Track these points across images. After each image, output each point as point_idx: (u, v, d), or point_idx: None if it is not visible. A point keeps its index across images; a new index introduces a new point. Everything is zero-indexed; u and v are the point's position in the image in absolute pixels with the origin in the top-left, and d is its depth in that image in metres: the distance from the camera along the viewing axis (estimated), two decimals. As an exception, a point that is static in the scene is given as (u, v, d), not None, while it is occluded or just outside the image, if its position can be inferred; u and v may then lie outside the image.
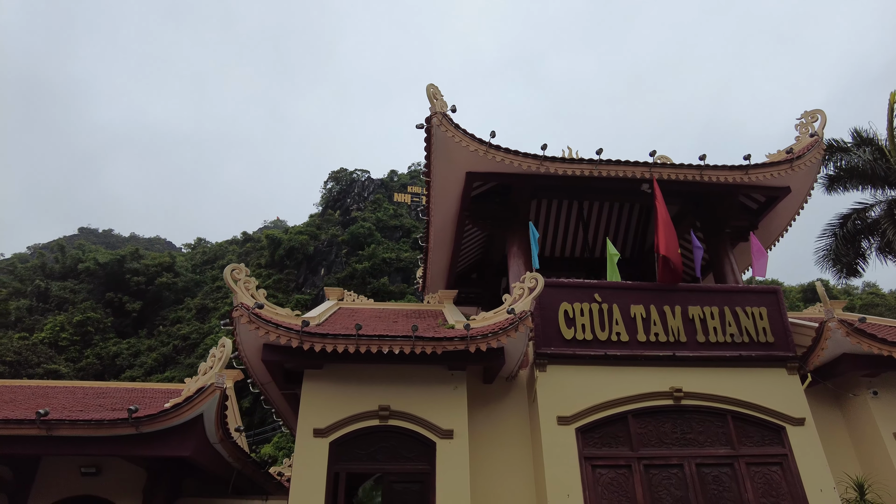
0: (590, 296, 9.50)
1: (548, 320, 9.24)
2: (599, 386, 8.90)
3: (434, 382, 8.74)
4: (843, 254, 23.67)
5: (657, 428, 8.83)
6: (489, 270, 14.14)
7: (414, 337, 8.06)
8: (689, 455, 8.61)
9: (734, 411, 9.01)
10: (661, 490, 8.31)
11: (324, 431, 8.25)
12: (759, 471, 8.64)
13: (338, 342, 8.03)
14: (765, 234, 12.29)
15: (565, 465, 8.26)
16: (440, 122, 9.98)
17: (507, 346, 8.55)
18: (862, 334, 8.84)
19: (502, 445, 8.96)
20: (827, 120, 11.13)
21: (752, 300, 9.81)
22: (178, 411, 7.59)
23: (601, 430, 8.72)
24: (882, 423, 9.25)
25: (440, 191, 10.81)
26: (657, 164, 10.37)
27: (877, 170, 22.82)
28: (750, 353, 9.35)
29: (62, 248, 56.98)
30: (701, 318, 9.51)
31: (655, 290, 9.74)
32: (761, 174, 10.46)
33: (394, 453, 8.34)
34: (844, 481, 8.85)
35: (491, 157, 9.97)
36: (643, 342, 9.23)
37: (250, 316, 8.09)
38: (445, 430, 8.37)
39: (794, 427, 8.96)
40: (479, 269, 14.59)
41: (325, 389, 8.59)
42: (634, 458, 8.50)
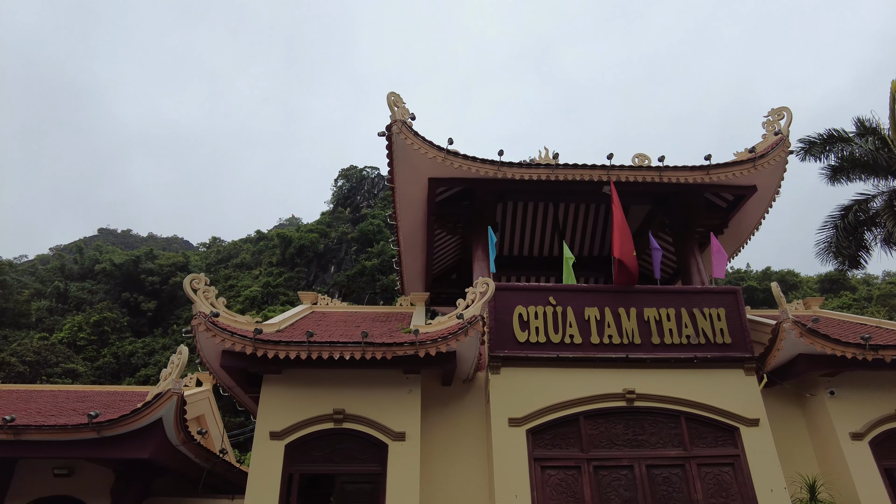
0: (545, 298, 9.64)
1: (502, 323, 9.40)
2: (552, 388, 9.06)
3: (389, 386, 8.99)
4: (845, 246, 23.34)
5: (609, 429, 8.95)
6: (468, 271, 14.30)
7: (364, 343, 8.31)
8: (640, 456, 8.72)
9: (688, 413, 9.09)
10: (610, 491, 8.45)
11: (280, 434, 8.55)
12: (710, 471, 8.72)
13: (290, 349, 8.32)
14: (736, 231, 12.26)
15: (514, 466, 8.45)
16: (400, 130, 10.17)
17: (459, 349, 8.75)
18: (815, 335, 8.83)
19: (459, 446, 9.17)
20: (793, 117, 11.02)
21: (711, 301, 9.84)
22: (137, 416, 7.97)
23: (552, 431, 8.88)
24: (838, 422, 9.24)
25: (404, 196, 11.02)
26: (614, 167, 10.43)
27: (879, 160, 22.44)
28: (706, 354, 9.40)
29: (80, 249, 58.77)
30: (657, 320, 9.58)
31: (611, 292, 9.83)
32: (722, 174, 10.44)
33: (348, 455, 8.62)
34: (798, 481, 8.88)
35: (449, 163, 10.14)
36: (596, 344, 9.35)
37: (207, 324, 8.41)
38: (397, 432, 8.61)
39: (747, 428, 9.00)
40: (458, 270, 14.76)
41: (283, 393, 8.89)
42: (584, 459, 8.65)
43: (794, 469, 9.19)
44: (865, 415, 9.33)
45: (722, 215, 11.83)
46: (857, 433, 9.14)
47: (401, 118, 10.24)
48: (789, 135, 10.91)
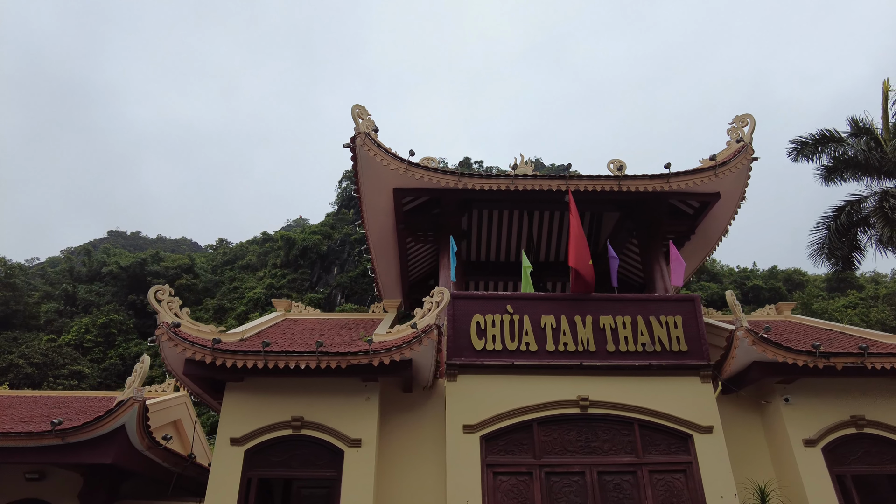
0: (502, 307, 9.82)
1: (460, 331, 9.60)
2: (507, 395, 9.24)
3: (347, 393, 9.22)
4: (837, 247, 23.25)
5: (562, 436, 9.12)
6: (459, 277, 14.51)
7: (318, 352, 8.55)
8: (592, 463, 8.88)
9: (641, 420, 9.22)
10: (561, 497, 8.62)
11: (240, 440, 8.83)
12: (661, 478, 8.85)
13: (247, 358, 8.59)
14: (704, 237, 12.34)
15: (467, 472, 8.65)
16: (363, 142, 10.40)
17: (415, 358, 8.96)
18: (767, 343, 8.92)
19: (418, 452, 9.37)
20: (756, 124, 11.07)
21: (668, 309, 9.96)
22: (99, 423, 8.28)
23: (506, 437, 9.06)
24: (792, 429, 9.32)
25: (371, 205, 11.25)
26: (573, 176, 10.58)
27: (871, 160, 22.36)
28: (661, 361, 9.52)
29: (88, 252, 59.85)
30: (612, 328, 9.72)
31: (568, 300, 9.99)
32: (682, 182, 10.55)
33: (305, 461, 8.87)
34: (752, 488, 8.97)
35: (411, 174, 10.35)
36: (552, 352, 9.51)
37: (169, 334, 8.72)
38: (353, 438, 8.84)
39: (701, 435, 9.12)
40: (436, 276, 14.93)
41: (245, 400, 9.16)
42: (536, 465, 8.82)
43: (751, 475, 9.29)
44: (819, 421, 9.39)
45: (689, 222, 11.92)
46: (809, 440, 9.21)
47: (364, 130, 10.48)
48: (752, 142, 10.96)
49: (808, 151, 23.47)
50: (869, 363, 8.95)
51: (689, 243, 12.52)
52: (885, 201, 21.35)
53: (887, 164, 21.49)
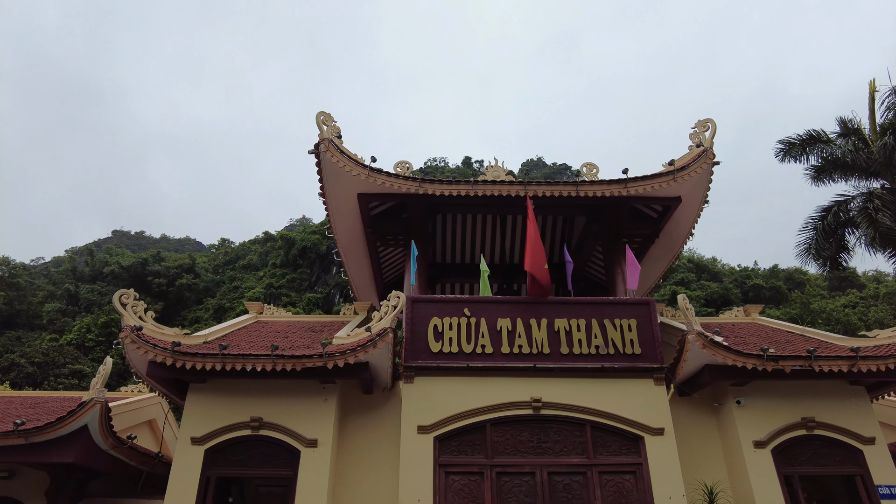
0: (460, 310, 10.02)
1: (417, 334, 9.81)
2: (461, 396, 9.44)
3: (306, 395, 9.47)
4: (824, 247, 23.30)
5: (514, 437, 9.31)
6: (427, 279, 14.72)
7: (273, 355, 8.80)
8: (543, 463, 9.06)
9: (593, 421, 9.39)
10: (511, 497, 8.82)
11: (200, 440, 9.10)
12: (611, 479, 9.02)
13: (206, 360, 8.85)
14: (669, 240, 12.46)
15: (420, 472, 8.86)
16: (327, 148, 10.62)
17: (372, 360, 9.20)
18: (716, 346, 9.06)
19: (376, 452, 9.60)
20: (717, 128, 11.18)
21: (623, 312, 10.12)
22: (61, 424, 8.57)
23: (459, 438, 9.27)
24: (743, 431, 9.47)
25: (337, 210, 11.47)
26: (531, 182, 10.75)
27: (858, 160, 22.38)
28: (613, 364, 9.68)
29: (91, 252, 60.65)
30: (567, 331, 9.90)
31: (525, 304, 10.17)
32: (640, 187, 10.69)
33: (263, 460, 9.12)
34: (701, 489, 9.13)
35: (373, 180, 10.56)
36: (507, 354, 9.70)
37: (132, 336, 8.99)
38: (310, 439, 9.09)
39: (652, 437, 9.27)
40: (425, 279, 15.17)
41: (207, 401, 9.43)
42: (488, 465, 9.02)
43: (705, 476, 9.46)
44: (770, 423, 9.53)
45: (653, 225, 12.05)
46: (759, 441, 9.35)
47: (328, 136, 10.69)
48: (713, 146, 11.07)
49: (795, 152, 23.50)
50: (816, 366, 9.08)
51: (655, 247, 12.65)
52: (869, 202, 21.37)
53: (874, 165, 21.51)
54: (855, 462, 9.35)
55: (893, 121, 21.54)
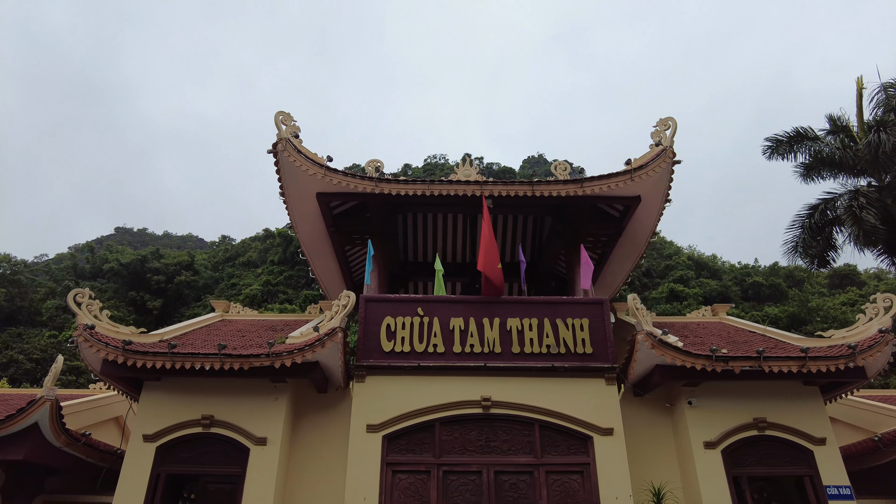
0: (413, 310, 10.05)
1: (370, 334, 9.86)
2: (411, 395, 9.48)
3: (258, 394, 9.54)
4: (811, 245, 23.17)
5: (463, 436, 9.34)
6: (392, 278, 14.77)
7: (221, 354, 8.88)
8: (490, 462, 9.09)
9: (542, 420, 9.40)
10: (456, 495, 8.86)
11: (152, 437, 9.20)
12: (558, 479, 9.04)
13: (156, 359, 8.94)
14: (633, 239, 12.43)
15: (367, 470, 8.91)
16: (284, 148, 10.68)
17: (322, 359, 9.27)
18: (665, 346, 9.05)
19: (329, 451, 9.67)
20: (678, 127, 11.12)
21: (577, 311, 10.11)
22: (10, 422, 8.72)
23: (408, 437, 9.31)
24: (694, 431, 9.45)
25: (298, 210, 11.53)
26: (487, 182, 10.76)
27: (845, 158, 22.23)
28: (564, 363, 9.69)
29: (92, 249, 61.19)
30: (519, 330, 9.91)
31: (478, 303, 10.18)
32: (596, 186, 10.66)
33: (213, 457, 9.21)
34: (649, 490, 9.13)
35: (329, 179, 10.61)
36: (458, 353, 9.73)
37: (85, 335, 9.10)
38: (260, 437, 9.17)
39: (601, 437, 9.27)
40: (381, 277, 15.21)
41: (160, 399, 9.53)
42: (435, 464, 9.06)
43: (658, 477, 9.46)
44: (722, 424, 9.51)
45: (615, 224, 12.03)
46: (710, 442, 9.34)
47: (286, 136, 10.75)
48: (673, 145, 11.01)
49: (782, 150, 23.36)
50: (766, 367, 9.05)
51: (620, 246, 12.63)
52: (854, 200, 21.21)
53: (860, 163, 21.33)
54: (805, 463, 9.32)
55: (882, 118, 21.36)
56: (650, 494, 9.07)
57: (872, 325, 9.65)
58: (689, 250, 73.65)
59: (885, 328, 9.37)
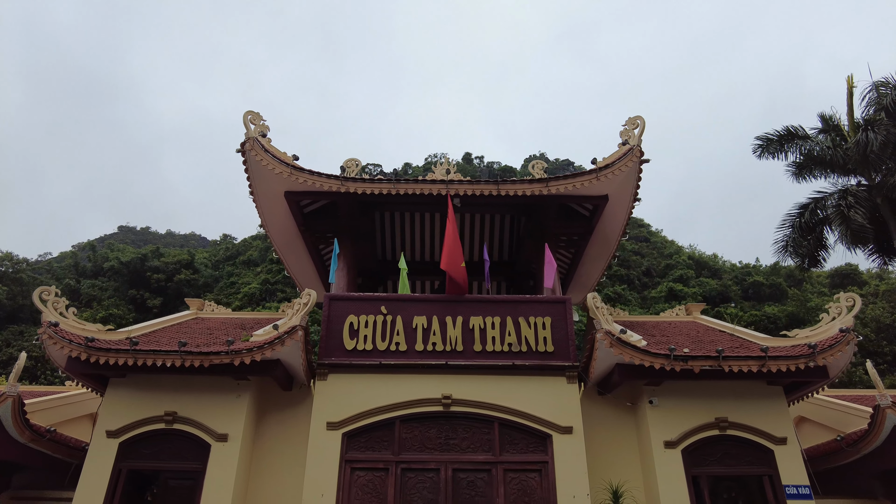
0: (377, 308, 10.11)
1: (333, 332, 9.92)
2: (372, 393, 9.53)
3: (220, 391, 9.63)
4: (802, 245, 23.09)
5: (423, 433, 9.39)
6: (371, 276, 14.84)
7: (182, 351, 8.97)
8: (448, 460, 9.13)
9: (502, 418, 9.44)
10: (414, 493, 8.91)
11: (115, 433, 9.31)
12: (516, 477, 9.07)
13: (118, 356, 9.04)
14: (604, 237, 12.42)
15: (325, 467, 8.98)
16: (252, 147, 10.76)
17: (282, 357, 9.35)
18: (624, 345, 9.05)
19: (291, 448, 9.73)
20: (646, 126, 11.10)
21: (539, 310, 10.13)
22: (-30, 418, 8.83)
23: (368, 434, 9.37)
24: (654, 431, 9.45)
25: (267, 208, 11.61)
26: (453, 182, 10.80)
27: (835, 157, 22.13)
28: (525, 361, 9.71)
29: (93, 247, 61.72)
30: (481, 328, 9.94)
31: (442, 302, 10.22)
32: (562, 186, 10.67)
33: (175, 453, 9.31)
34: (608, 488, 9.14)
35: (295, 178, 10.67)
36: (420, 351, 9.78)
37: (49, 332, 9.22)
38: (221, 433, 9.25)
39: (560, 435, 9.29)
40: (363, 275, 15.28)
41: (125, 395, 9.64)
42: (394, 461, 9.12)
43: (620, 476, 9.45)
44: (683, 424, 9.50)
45: (585, 223, 12.03)
46: (670, 441, 9.33)
47: (254, 136, 10.83)
48: (641, 144, 11.00)
49: (772, 148, 23.28)
50: (726, 366, 9.03)
51: (592, 245, 12.63)
52: (843, 199, 21.10)
53: (850, 162, 21.20)
54: (765, 462, 9.30)
55: (873, 117, 21.22)
56: (609, 493, 9.08)
57: (835, 324, 9.61)
58: (690, 249, 73.33)
59: (847, 328, 9.33)
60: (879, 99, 20.63)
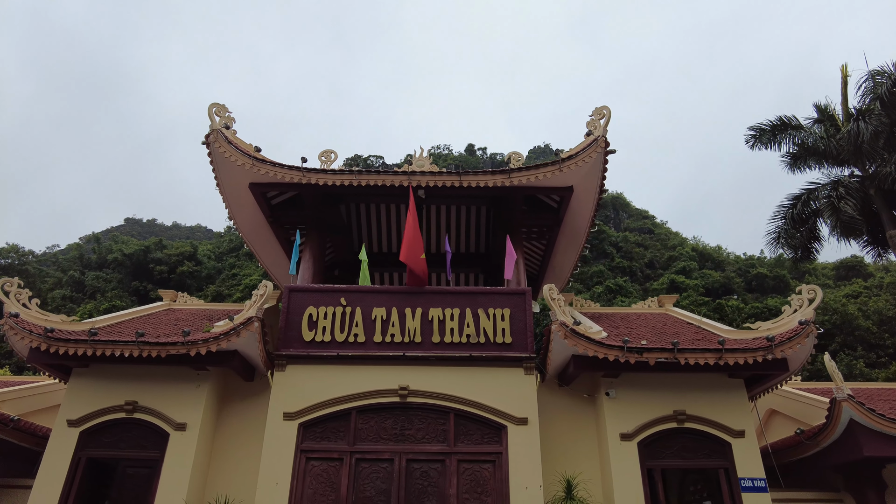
0: (336, 300, 10.13)
1: (291, 324, 9.97)
2: (330, 384, 9.58)
3: (181, 381, 9.73)
4: (793, 236, 22.88)
5: (379, 424, 9.43)
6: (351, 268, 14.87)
7: (139, 342, 9.07)
8: (403, 450, 9.17)
9: (458, 409, 9.45)
10: (367, 483, 8.97)
11: (76, 422, 9.44)
12: (469, 468, 9.09)
13: (78, 346, 9.15)
14: (573, 230, 12.34)
15: (281, 457, 9.05)
16: (215, 139, 10.79)
17: (240, 348, 9.43)
18: (578, 337, 9.02)
19: (251, 438, 9.81)
20: (612, 115, 10.98)
21: (499, 302, 10.11)
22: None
23: (324, 425, 9.43)
24: (611, 423, 9.43)
25: (234, 200, 11.65)
26: (415, 173, 10.76)
27: (829, 147, 21.87)
28: (482, 353, 9.71)
29: (98, 239, 62.46)
30: (440, 320, 9.94)
31: (402, 293, 10.23)
32: (524, 177, 10.60)
33: (134, 442, 9.44)
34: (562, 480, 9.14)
35: (257, 169, 10.69)
36: (379, 343, 9.80)
37: (9, 323, 9.35)
38: (180, 423, 9.36)
39: (516, 426, 9.29)
40: (341, 266, 15.32)
41: (87, 385, 9.77)
42: (349, 451, 9.17)
43: (578, 468, 9.44)
44: (640, 416, 9.46)
45: (553, 215, 11.96)
46: (626, 434, 9.30)
47: (218, 128, 10.85)
48: (606, 134, 10.88)
49: (765, 139, 23.02)
50: (682, 359, 8.97)
51: (562, 237, 12.56)
52: (833, 190, 20.83)
53: (843, 152, 20.90)
54: (722, 455, 9.25)
55: (869, 106, 20.86)
56: (562, 485, 9.08)
57: (796, 317, 9.50)
58: (694, 241, 72.74)
59: (806, 320, 9.21)
60: (875, 88, 20.26)
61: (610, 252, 67.28)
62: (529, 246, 13.44)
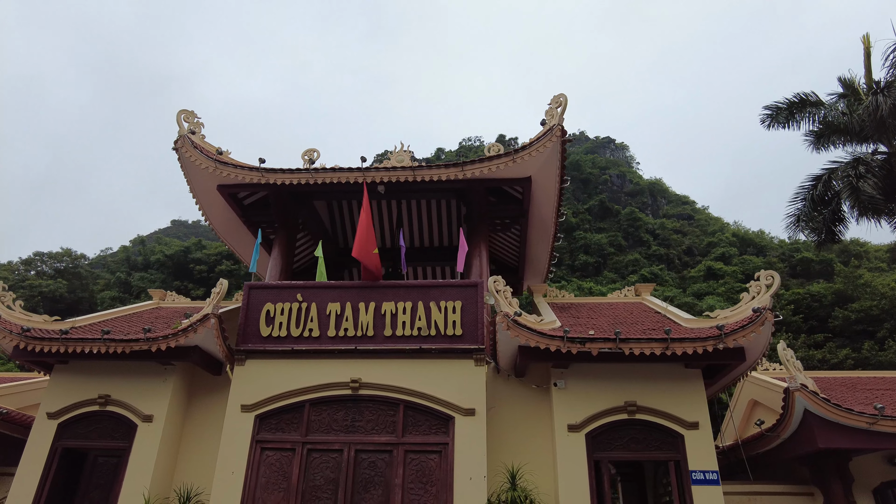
0: (293, 296, 10.43)
1: (250, 319, 10.34)
2: (285, 378, 9.90)
3: (150, 375, 10.29)
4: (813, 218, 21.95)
5: (331, 416, 9.69)
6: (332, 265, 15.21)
7: (105, 339, 9.64)
8: (352, 441, 9.40)
9: (408, 401, 9.58)
10: (317, 472, 9.25)
11: (54, 414, 10.15)
12: (416, 458, 9.23)
13: (51, 344, 9.82)
14: (541, 222, 12.22)
15: (238, 447, 9.45)
16: (182, 144, 11.28)
17: (200, 344, 9.89)
18: (519, 327, 8.97)
19: (216, 430, 10.19)
20: (568, 103, 10.77)
21: (451, 294, 10.15)
22: (-71, 399, 9.86)
23: (279, 417, 9.76)
24: (559, 414, 9.34)
25: (205, 201, 12.13)
26: (369, 169, 10.88)
27: (851, 124, 20.86)
28: (432, 345, 9.79)
29: (143, 242, 65.75)
30: (392, 313, 10.08)
31: (356, 288, 10.42)
32: (477, 169, 10.58)
33: (105, 433, 10.06)
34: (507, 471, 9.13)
35: (220, 172, 11.10)
36: (332, 337, 10.04)
37: (-10, 323, 10.12)
38: (147, 414, 9.91)
39: (463, 417, 9.35)
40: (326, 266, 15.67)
41: (67, 380, 10.46)
42: (301, 442, 9.47)
43: (527, 459, 9.36)
44: (590, 407, 9.32)
45: (518, 206, 11.86)
46: (574, 425, 9.20)
47: (185, 133, 11.33)
48: (562, 123, 10.69)
49: (782, 118, 22.00)
50: (626, 348, 8.80)
51: (533, 229, 12.45)
52: (852, 168, 19.77)
53: (865, 128, 19.78)
54: (674, 447, 9.02)
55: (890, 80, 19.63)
56: (507, 476, 9.08)
57: (752, 304, 9.12)
58: (735, 226, 69.85)
59: (761, 307, 8.82)
60: (899, 58, 18.99)
61: (647, 240, 65.53)
62: (503, 238, 13.38)
